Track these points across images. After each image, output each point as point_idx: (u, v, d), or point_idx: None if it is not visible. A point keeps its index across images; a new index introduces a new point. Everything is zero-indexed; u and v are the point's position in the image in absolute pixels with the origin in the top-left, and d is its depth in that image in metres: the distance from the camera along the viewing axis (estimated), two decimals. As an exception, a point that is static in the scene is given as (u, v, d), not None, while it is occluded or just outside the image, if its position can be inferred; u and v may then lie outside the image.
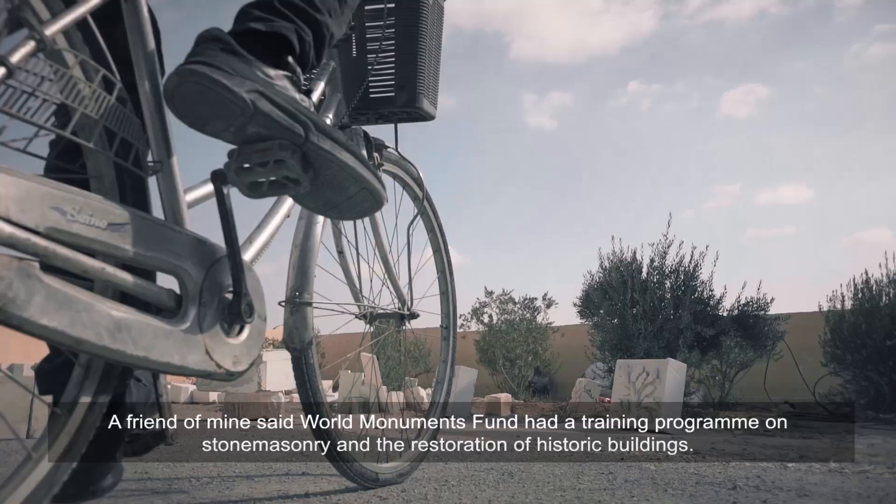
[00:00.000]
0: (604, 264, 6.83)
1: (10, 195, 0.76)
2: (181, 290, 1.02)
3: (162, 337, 0.94)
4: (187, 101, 0.99)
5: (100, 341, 0.85)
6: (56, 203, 0.82)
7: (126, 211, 0.92)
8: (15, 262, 0.76)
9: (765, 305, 6.71)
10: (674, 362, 5.24)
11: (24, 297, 0.76)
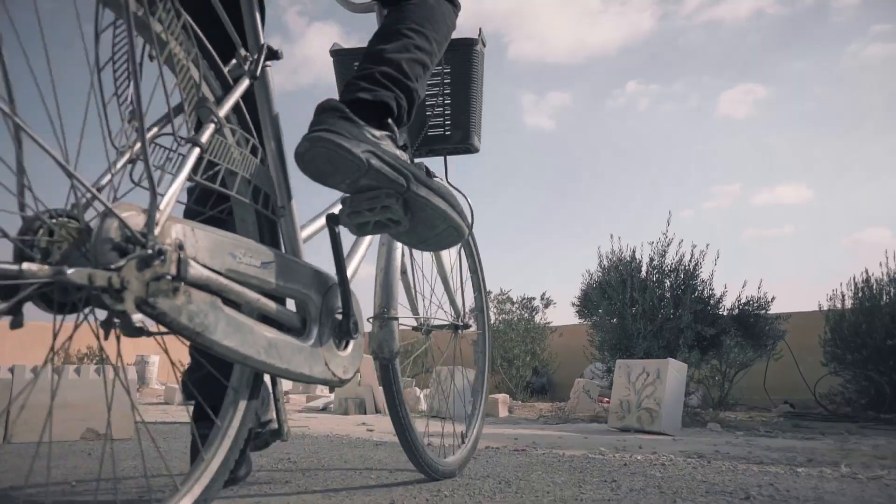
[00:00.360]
0: (603, 263, 6.69)
1: (204, 246, 0.99)
2: (305, 313, 1.24)
3: (297, 352, 1.16)
4: (315, 161, 1.21)
5: (259, 357, 1.07)
6: (230, 249, 1.05)
7: (270, 251, 1.15)
8: (209, 297, 0.98)
9: (765, 305, 6.58)
10: (674, 362, 5.10)
11: (213, 324, 0.98)
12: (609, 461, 2.48)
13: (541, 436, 3.86)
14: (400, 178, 1.25)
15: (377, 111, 1.29)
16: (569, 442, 3.50)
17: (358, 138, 1.21)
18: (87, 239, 0.86)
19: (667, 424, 4.93)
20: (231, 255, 1.05)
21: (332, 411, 7.19)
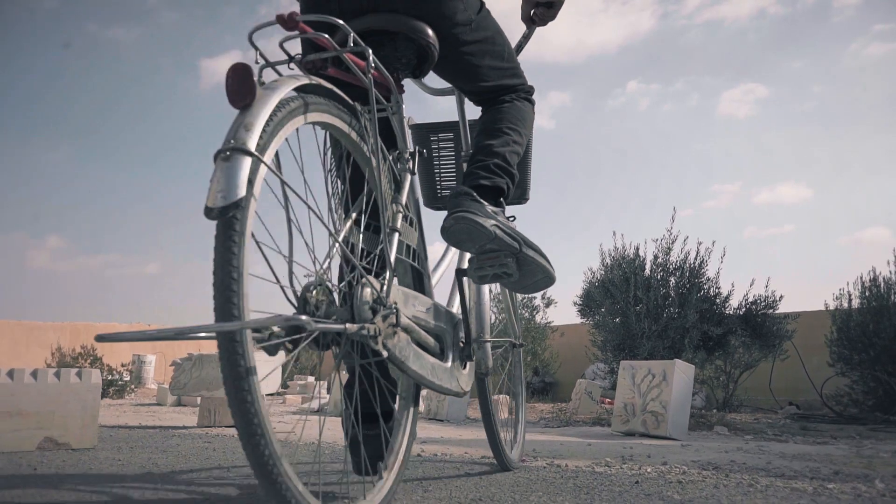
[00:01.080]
0: (605, 261, 6.41)
1: (402, 300, 1.42)
2: (443, 342, 1.66)
3: (444, 372, 1.59)
4: (457, 234, 1.54)
5: (428, 377, 1.49)
6: (413, 301, 1.49)
7: (427, 299, 1.59)
8: (406, 336, 1.40)
9: (773, 304, 6.30)
10: (681, 363, 4.83)
11: (409, 355, 1.41)
12: (618, 477, 2.20)
13: (541, 442, 3.59)
14: (514, 243, 1.59)
15: (494, 193, 1.64)
16: (572, 449, 3.23)
17: (485, 215, 1.54)
18: (346, 301, 1.30)
19: (673, 428, 4.66)
20: (413, 305, 1.48)
21: (328, 413, 6.92)
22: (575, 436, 4.66)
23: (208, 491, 1.89)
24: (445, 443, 3.37)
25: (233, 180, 1.03)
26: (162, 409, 7.36)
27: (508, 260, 1.59)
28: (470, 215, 1.51)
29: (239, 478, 2.14)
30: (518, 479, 2.10)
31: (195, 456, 2.73)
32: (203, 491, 1.88)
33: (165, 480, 2.07)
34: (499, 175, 1.65)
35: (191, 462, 2.53)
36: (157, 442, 3.26)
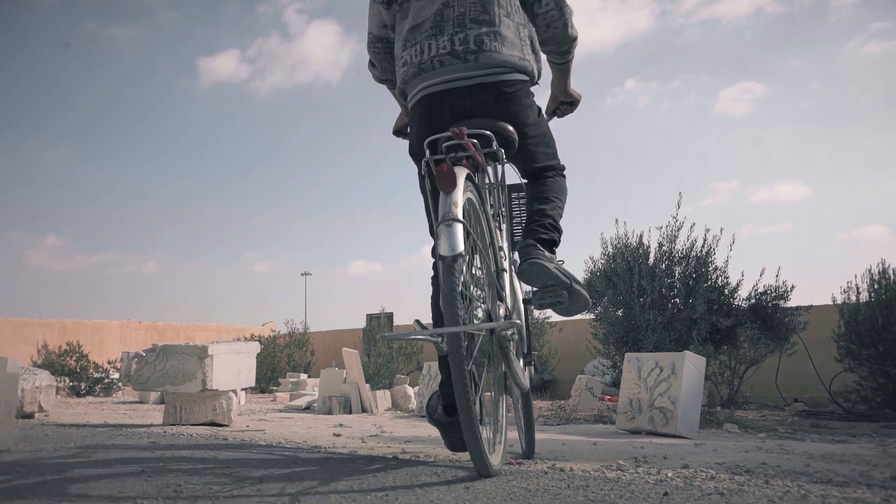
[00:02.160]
0: (607, 250, 5.95)
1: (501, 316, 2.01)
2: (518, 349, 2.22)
3: (522, 371, 2.22)
4: (530, 274, 1.96)
5: (518, 374, 2.12)
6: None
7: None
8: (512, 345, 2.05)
9: (784, 294, 5.84)
10: (691, 356, 4.37)
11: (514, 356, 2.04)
12: (638, 486, 1.74)
13: (541, 441, 3.14)
14: (567, 280, 1.97)
15: (550, 244, 2.06)
16: (575, 450, 2.77)
17: (547, 260, 1.95)
18: (501, 317, 1.95)
19: (683, 426, 4.21)
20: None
21: (316, 411, 6.47)
22: (577, 434, 4.20)
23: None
24: (433, 443, 2.92)
25: (455, 239, 1.61)
26: (143, 406, 6.91)
27: (563, 292, 1.99)
28: (538, 261, 1.94)
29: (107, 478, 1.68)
30: (512, 489, 1.64)
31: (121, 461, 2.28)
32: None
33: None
34: (552, 231, 2.10)
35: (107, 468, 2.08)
36: (90, 442, 2.80)
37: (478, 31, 1.92)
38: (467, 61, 1.92)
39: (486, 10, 1.94)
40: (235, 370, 3.74)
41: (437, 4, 1.96)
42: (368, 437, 3.05)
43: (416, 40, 1.97)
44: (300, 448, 2.63)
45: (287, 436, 3.10)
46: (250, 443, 2.73)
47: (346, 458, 2.28)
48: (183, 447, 2.61)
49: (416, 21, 1.97)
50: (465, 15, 1.93)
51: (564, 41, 2.15)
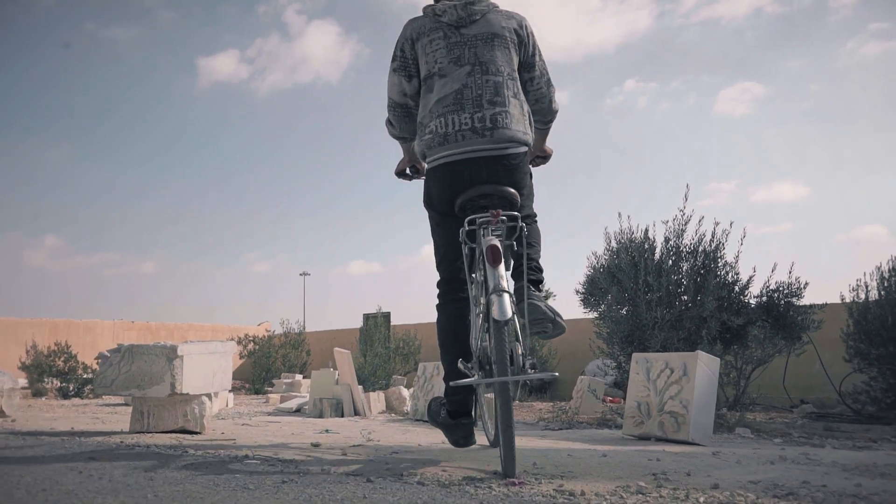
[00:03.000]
0: (611, 245, 5.58)
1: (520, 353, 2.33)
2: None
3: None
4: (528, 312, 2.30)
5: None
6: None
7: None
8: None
9: (797, 291, 5.47)
10: (704, 356, 4.00)
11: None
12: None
13: (542, 451, 2.77)
14: (552, 314, 2.35)
15: (537, 284, 2.45)
16: (583, 463, 2.39)
17: (539, 299, 2.35)
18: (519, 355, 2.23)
19: (696, 432, 3.83)
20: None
21: (307, 413, 6.09)
22: (581, 440, 3.83)
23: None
24: (422, 453, 2.54)
25: (505, 307, 2.06)
26: (128, 409, 6.53)
27: (549, 324, 2.34)
28: (533, 301, 2.31)
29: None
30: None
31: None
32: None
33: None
34: (538, 272, 2.47)
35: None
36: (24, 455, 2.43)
37: (493, 111, 2.28)
38: (484, 136, 2.27)
39: (499, 92, 2.31)
40: (209, 372, 3.37)
41: (457, 84, 2.31)
42: (351, 448, 2.68)
43: (441, 113, 2.31)
44: (270, 461, 2.26)
45: (262, 445, 2.73)
46: (206, 460, 2.34)
47: (309, 482, 1.89)
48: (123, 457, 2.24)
49: (440, 96, 2.31)
50: (482, 97, 2.29)
51: (549, 113, 2.61)
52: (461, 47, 2.34)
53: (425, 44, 2.36)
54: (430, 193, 2.39)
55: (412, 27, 2.41)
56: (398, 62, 2.41)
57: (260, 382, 10.71)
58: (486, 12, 2.41)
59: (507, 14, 2.44)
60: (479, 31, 2.36)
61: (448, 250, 2.38)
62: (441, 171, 2.32)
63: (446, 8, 2.38)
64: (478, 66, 2.32)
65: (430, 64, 2.35)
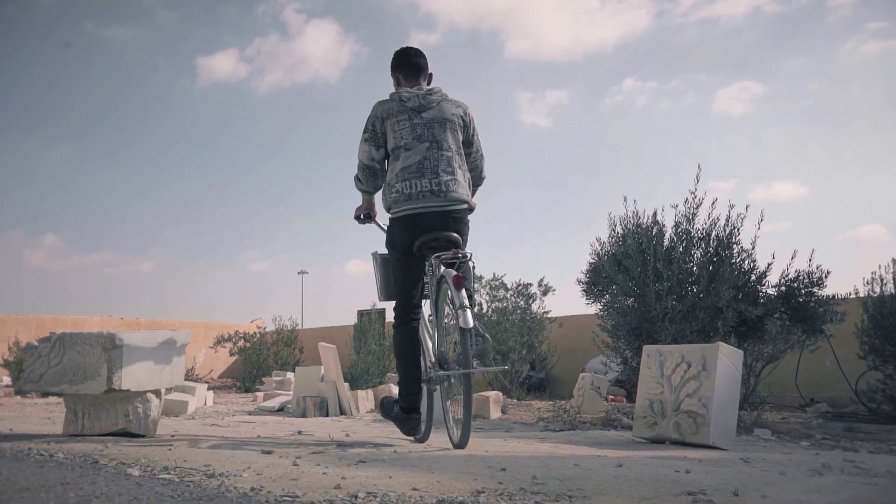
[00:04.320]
0: (616, 230, 5.03)
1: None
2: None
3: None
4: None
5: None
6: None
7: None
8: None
9: (819, 281, 4.92)
10: (726, 348, 3.46)
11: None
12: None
13: (542, 459, 2.22)
14: (482, 331, 2.66)
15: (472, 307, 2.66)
16: (595, 477, 1.85)
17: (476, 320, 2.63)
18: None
19: (718, 434, 3.29)
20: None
21: (290, 412, 5.55)
22: (587, 444, 3.29)
23: None
24: (392, 464, 1.99)
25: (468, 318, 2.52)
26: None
27: (479, 339, 2.62)
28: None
29: None
30: None
31: None
32: None
33: None
34: (471, 297, 2.71)
35: None
36: None
37: (445, 178, 2.79)
38: (438, 196, 2.77)
39: (450, 164, 2.82)
40: (156, 365, 2.82)
41: (419, 156, 2.80)
42: (308, 457, 2.12)
43: (406, 178, 2.79)
44: (169, 483, 1.70)
45: (203, 456, 2.18)
46: (109, 474, 1.79)
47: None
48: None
49: (405, 164, 2.79)
50: (438, 167, 2.80)
51: (479, 180, 3.13)
52: (422, 128, 2.86)
53: (393, 123, 2.87)
54: (394, 237, 2.90)
55: (382, 108, 2.92)
56: (369, 134, 2.91)
57: (251, 380, 10.16)
58: (439, 101, 2.93)
59: (455, 103, 2.98)
60: (435, 115, 2.89)
61: (406, 281, 2.90)
62: (405, 221, 2.82)
63: (410, 96, 2.89)
64: (434, 144, 2.85)
65: (397, 139, 2.86)
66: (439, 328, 2.81)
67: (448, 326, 2.74)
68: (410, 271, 2.86)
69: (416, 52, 3.01)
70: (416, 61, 2.99)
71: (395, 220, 2.87)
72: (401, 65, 3.00)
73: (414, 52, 3.01)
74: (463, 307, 2.51)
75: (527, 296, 8.39)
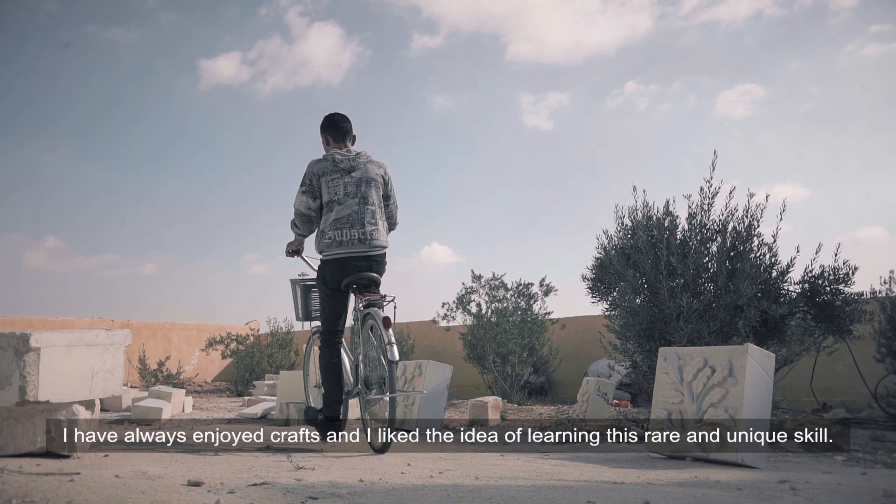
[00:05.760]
0: (624, 222, 4.52)
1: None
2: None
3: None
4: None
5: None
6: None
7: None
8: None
9: (846, 278, 4.41)
10: (756, 350, 2.96)
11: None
12: None
13: (546, 492, 1.71)
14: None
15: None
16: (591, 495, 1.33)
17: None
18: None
19: (749, 451, 2.78)
20: None
21: (273, 419, 5.05)
22: (597, 461, 2.78)
23: None
24: (359, 498, 1.48)
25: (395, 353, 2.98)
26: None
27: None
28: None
29: None
30: None
31: None
32: None
33: None
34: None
35: None
36: None
37: (370, 229, 3.25)
38: (364, 244, 3.23)
39: (374, 216, 3.28)
40: (85, 371, 2.33)
41: (349, 210, 3.24)
42: (244, 493, 1.61)
43: (338, 227, 3.23)
44: None
45: (107, 494, 1.67)
46: None
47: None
48: None
49: (337, 216, 3.24)
50: (364, 219, 3.25)
51: (394, 226, 3.53)
52: (352, 186, 3.26)
53: (328, 180, 3.26)
54: (326, 275, 3.26)
55: (318, 167, 3.29)
56: (307, 188, 3.28)
57: (244, 384, 9.65)
58: (365, 163, 3.32)
59: (377, 164, 3.36)
60: (362, 175, 3.28)
61: (333, 312, 3.28)
62: (336, 263, 3.20)
63: (342, 159, 3.28)
64: (361, 199, 3.25)
65: (331, 194, 3.25)
66: (364, 354, 3.25)
67: (370, 356, 3.22)
68: (338, 304, 3.27)
69: (342, 118, 3.44)
70: (343, 126, 3.41)
71: (328, 261, 3.25)
72: (330, 128, 3.41)
73: (340, 117, 3.44)
74: (391, 343, 2.96)
75: (528, 296, 7.85)
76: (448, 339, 9.39)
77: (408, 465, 2.39)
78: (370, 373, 3.20)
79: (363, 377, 3.24)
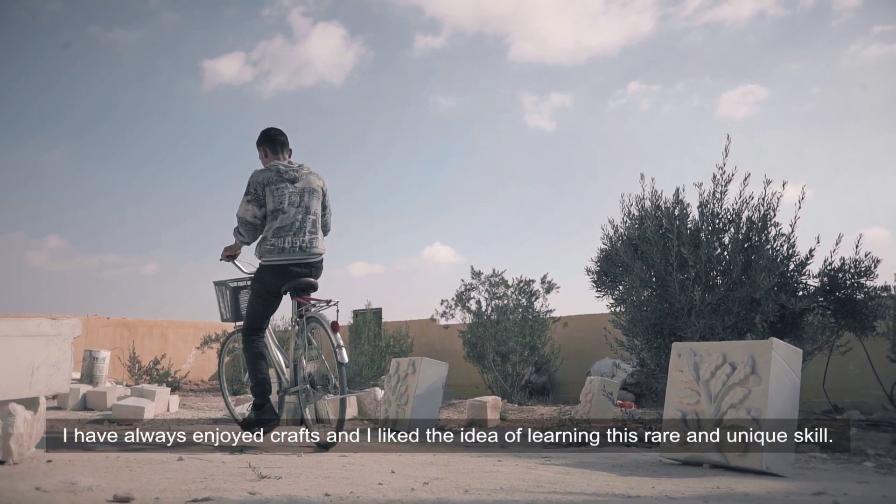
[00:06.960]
0: (631, 212, 4.20)
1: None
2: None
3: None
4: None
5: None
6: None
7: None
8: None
9: (868, 271, 4.07)
10: (781, 346, 2.63)
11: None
12: None
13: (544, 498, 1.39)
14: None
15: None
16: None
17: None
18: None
19: (774, 457, 2.45)
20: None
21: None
22: (603, 468, 2.46)
23: None
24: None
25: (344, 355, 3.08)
26: (59, 413, 5.23)
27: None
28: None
29: None
30: None
31: None
32: None
33: None
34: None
35: None
36: None
37: (310, 237, 3.36)
38: (305, 251, 3.34)
39: (314, 226, 3.39)
40: (23, 366, 2.02)
41: (292, 219, 3.32)
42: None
43: (280, 235, 3.33)
44: None
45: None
46: None
47: None
48: None
49: (281, 224, 3.31)
50: (305, 228, 3.35)
51: (327, 233, 3.61)
52: (295, 195, 3.36)
53: (272, 189, 3.34)
54: (265, 280, 3.36)
55: (263, 176, 3.34)
56: (252, 196, 3.35)
57: (240, 383, 9.35)
58: (307, 174, 3.41)
59: (317, 175, 3.47)
60: (304, 186, 3.38)
61: (263, 314, 3.42)
62: (277, 269, 3.32)
63: (287, 169, 3.37)
64: (303, 208, 3.36)
65: (275, 202, 3.34)
66: (307, 355, 3.37)
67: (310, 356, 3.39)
68: (270, 307, 3.43)
69: (278, 132, 3.58)
70: (280, 139, 3.52)
71: (269, 267, 3.33)
72: (267, 141, 3.50)
73: (276, 131, 3.58)
74: (339, 346, 3.08)
75: (529, 293, 7.53)
76: (447, 337, 9.07)
77: (391, 473, 2.07)
78: (313, 370, 3.38)
79: (306, 376, 3.35)
